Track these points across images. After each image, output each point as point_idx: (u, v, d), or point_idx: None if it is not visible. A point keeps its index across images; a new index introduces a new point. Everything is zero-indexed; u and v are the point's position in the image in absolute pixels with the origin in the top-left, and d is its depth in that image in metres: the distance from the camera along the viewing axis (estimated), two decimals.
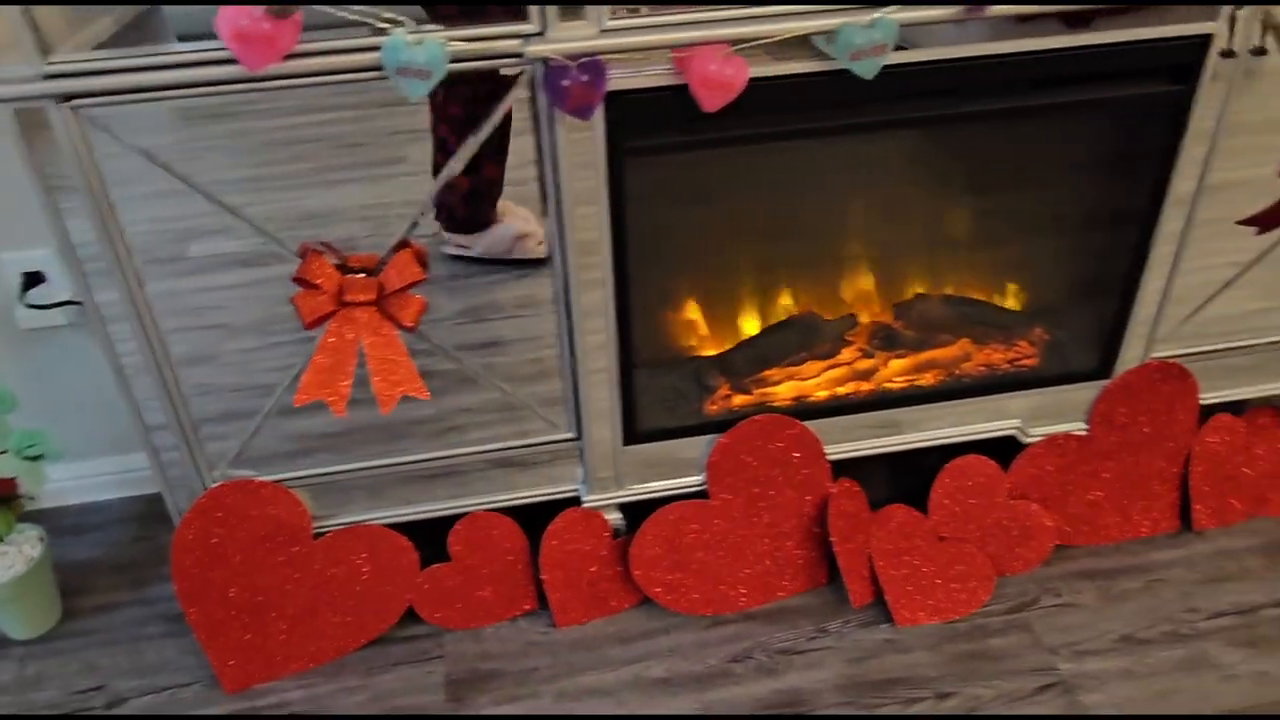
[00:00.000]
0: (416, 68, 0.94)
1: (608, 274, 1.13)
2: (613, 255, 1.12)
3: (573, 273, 1.13)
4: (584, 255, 1.12)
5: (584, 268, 1.13)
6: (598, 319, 1.17)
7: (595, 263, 1.13)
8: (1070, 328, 1.37)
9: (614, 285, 1.14)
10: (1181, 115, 1.15)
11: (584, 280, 1.14)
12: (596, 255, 1.12)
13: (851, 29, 0.98)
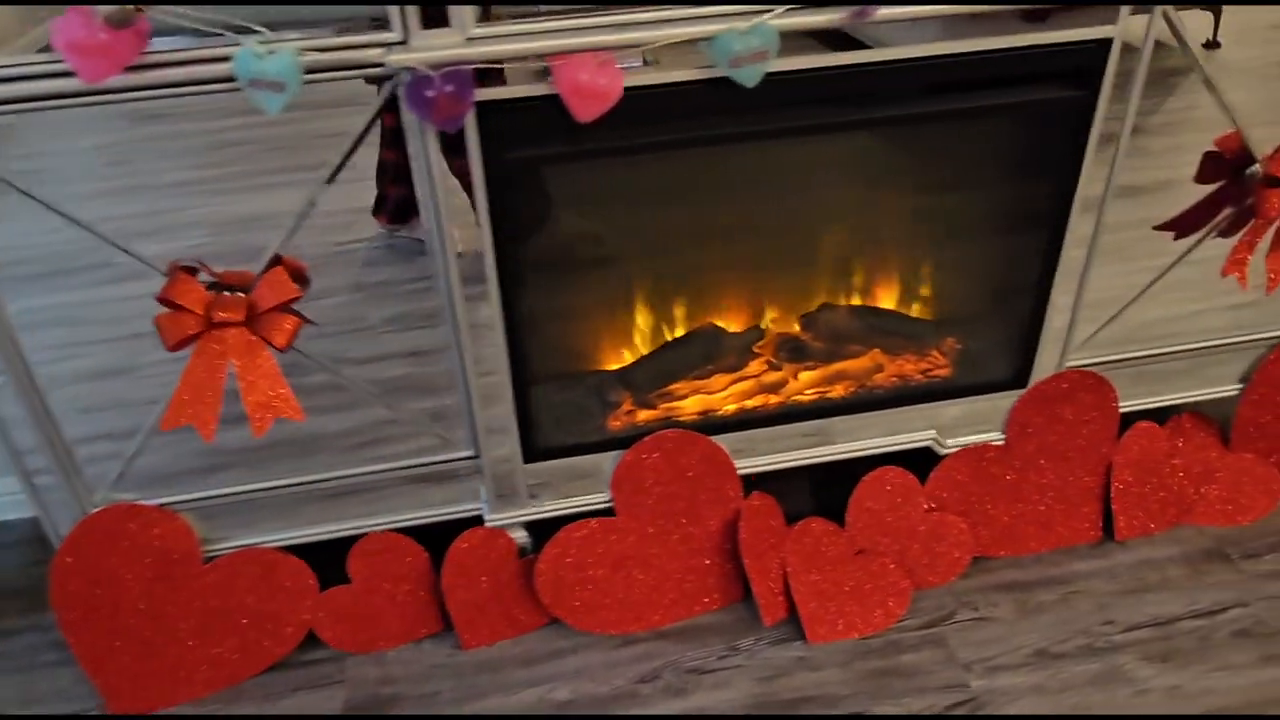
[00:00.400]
0: (269, 80, 0.90)
1: (493, 288, 1.09)
2: (497, 268, 1.08)
3: (455, 287, 1.09)
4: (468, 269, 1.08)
5: (470, 281, 1.09)
6: (488, 333, 1.13)
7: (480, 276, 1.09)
8: (983, 337, 1.34)
9: (500, 299, 1.10)
10: (1084, 120, 1.12)
11: (469, 294, 1.10)
12: (480, 269, 1.08)
13: (729, 36, 0.94)
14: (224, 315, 1.03)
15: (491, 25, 0.94)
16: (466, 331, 1.12)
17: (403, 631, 1.34)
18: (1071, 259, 1.26)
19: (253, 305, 1.05)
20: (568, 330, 1.24)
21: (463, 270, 1.09)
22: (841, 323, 1.29)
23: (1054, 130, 1.14)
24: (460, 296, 1.10)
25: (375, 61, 0.93)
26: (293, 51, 0.90)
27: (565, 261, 1.17)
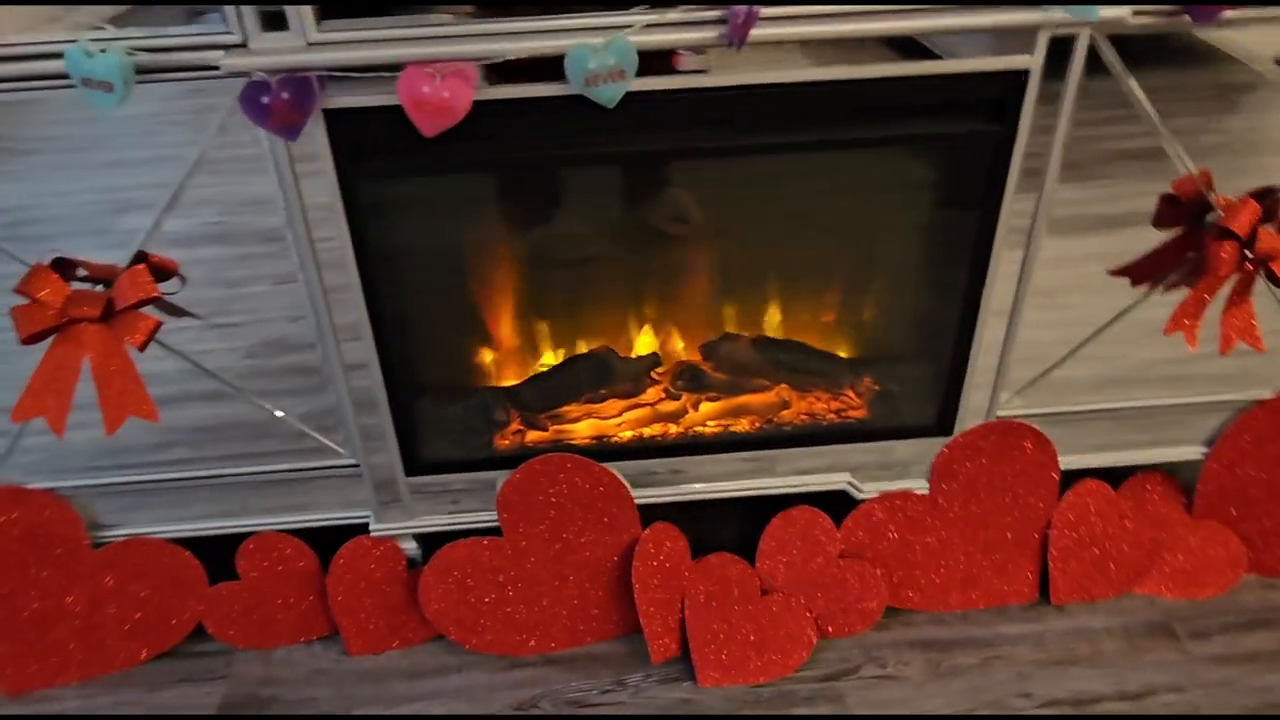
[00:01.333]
0: (98, 79, 0.88)
1: (358, 296, 1.06)
2: (360, 276, 1.05)
3: (316, 291, 1.06)
4: (331, 275, 1.05)
5: (333, 289, 1.06)
6: (358, 342, 1.10)
7: (345, 283, 1.06)
8: (904, 380, 1.25)
9: (367, 308, 1.07)
10: (1003, 154, 1.03)
11: (335, 301, 1.07)
12: (344, 275, 1.05)
13: (582, 52, 0.88)
14: (79, 312, 1.02)
15: (338, 30, 0.90)
16: (331, 335, 1.09)
17: (292, 632, 1.33)
18: (998, 300, 1.16)
19: (112, 302, 1.03)
20: (448, 343, 1.20)
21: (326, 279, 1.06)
22: (744, 354, 1.22)
23: (972, 164, 1.05)
24: (324, 303, 1.07)
25: (211, 64, 0.90)
26: (122, 51, 0.87)
27: (438, 272, 1.13)
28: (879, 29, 0.92)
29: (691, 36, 0.90)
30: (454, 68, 0.91)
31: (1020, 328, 1.18)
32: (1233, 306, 1.13)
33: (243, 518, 1.28)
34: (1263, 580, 1.37)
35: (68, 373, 1.03)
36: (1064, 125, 1.03)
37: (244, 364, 1.88)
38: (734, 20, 0.86)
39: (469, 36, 0.90)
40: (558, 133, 0.99)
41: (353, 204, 1.00)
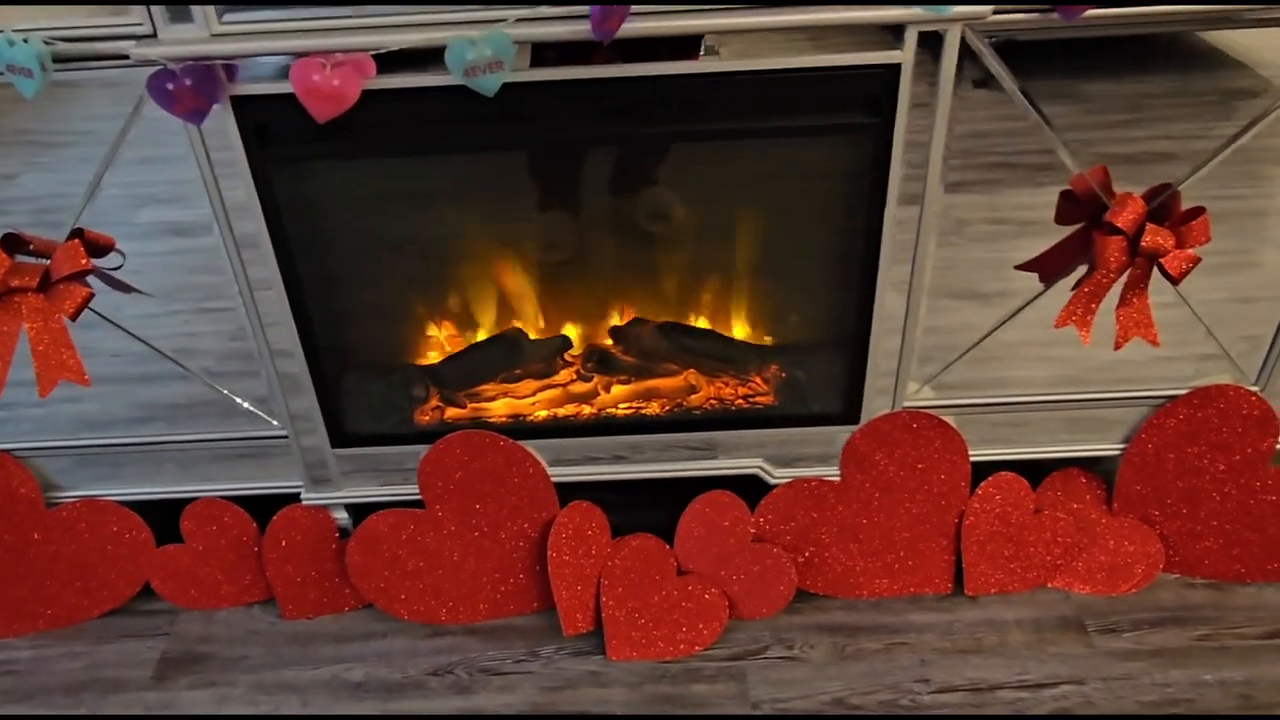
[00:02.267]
0: (19, 66, 0.96)
1: (274, 274, 1.13)
2: (276, 256, 1.11)
3: (238, 268, 1.13)
4: (248, 250, 1.12)
5: (250, 263, 1.13)
6: (279, 318, 1.17)
7: (259, 257, 1.13)
8: (808, 367, 1.29)
9: (284, 285, 1.14)
10: (883, 147, 1.06)
11: (254, 278, 1.14)
12: (258, 250, 1.12)
13: (461, 44, 0.94)
14: (18, 282, 1.11)
15: (238, 22, 0.97)
16: (254, 312, 1.16)
17: (234, 595, 1.41)
18: (891, 300, 1.18)
19: (49, 274, 1.12)
20: (370, 322, 1.26)
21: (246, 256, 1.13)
22: (652, 339, 1.26)
23: (856, 156, 1.08)
24: (245, 279, 1.14)
25: (122, 54, 0.97)
26: (40, 40, 0.95)
27: (351, 253, 1.19)
28: (743, 23, 0.95)
29: (563, 30, 0.95)
30: (348, 58, 0.97)
31: (920, 318, 1.20)
32: (1126, 301, 1.15)
33: (189, 484, 1.36)
34: (1182, 579, 1.37)
35: (6, 339, 1.12)
36: (941, 119, 1.05)
37: (229, 345, 1.98)
38: (594, 19, 0.91)
39: (358, 29, 0.96)
40: (454, 119, 1.04)
41: (266, 189, 1.06)
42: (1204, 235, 1.09)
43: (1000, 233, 2.16)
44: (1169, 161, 2.54)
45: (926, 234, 1.14)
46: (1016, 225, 2.17)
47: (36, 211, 2.65)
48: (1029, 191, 2.31)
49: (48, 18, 0.99)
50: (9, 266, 1.11)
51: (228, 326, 2.02)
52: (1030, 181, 2.34)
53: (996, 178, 2.38)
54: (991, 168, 2.42)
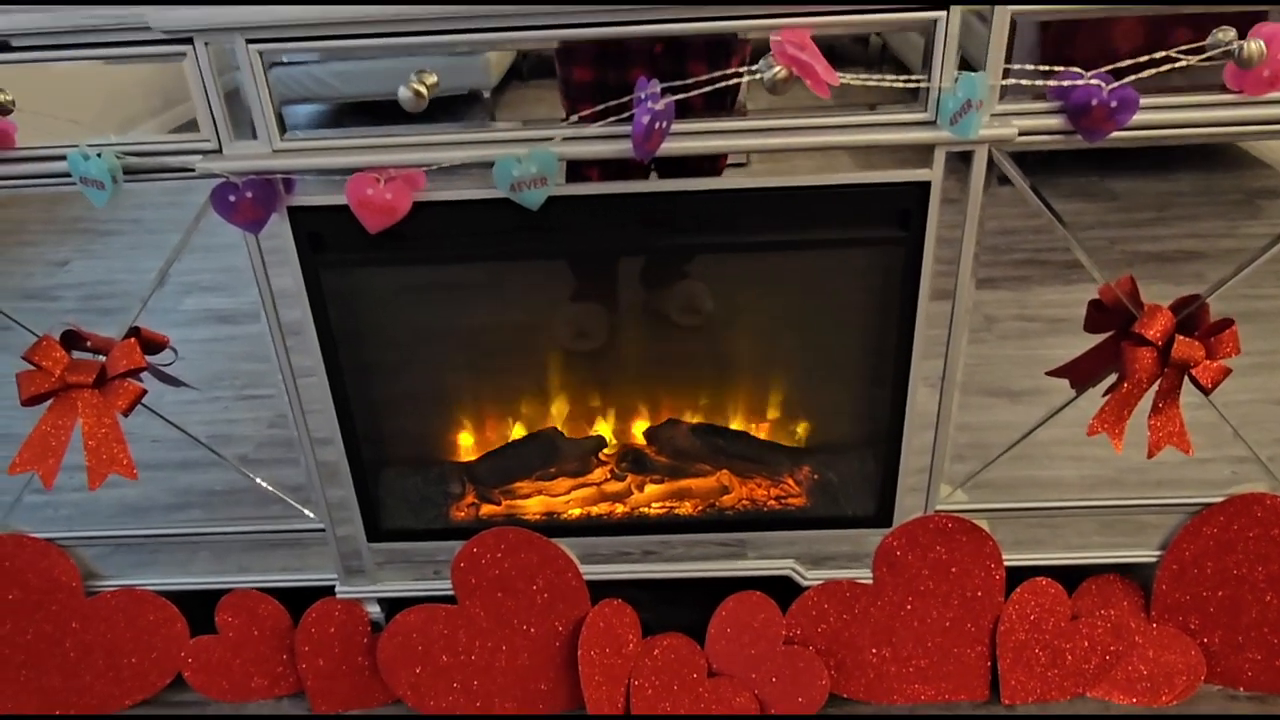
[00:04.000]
0: (92, 179, 1.02)
1: (317, 361, 1.16)
2: (320, 344, 1.15)
3: (282, 355, 1.17)
4: (292, 338, 1.16)
5: (294, 350, 1.17)
6: (320, 406, 1.20)
7: (302, 345, 1.16)
8: (841, 469, 1.29)
9: (330, 385, 1.17)
10: (914, 260, 1.09)
11: (297, 365, 1.18)
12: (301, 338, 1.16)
13: (508, 161, 0.99)
14: (75, 378, 1.15)
15: (299, 139, 1.02)
16: (296, 398, 1.20)
17: (265, 688, 1.41)
18: (923, 397, 1.20)
19: (104, 370, 1.16)
20: (406, 411, 1.29)
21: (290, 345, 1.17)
22: (686, 440, 1.28)
23: (887, 263, 1.11)
24: (289, 366, 1.18)
25: (188, 167, 1.03)
26: (113, 155, 1.01)
27: (393, 344, 1.23)
28: (780, 144, 1.00)
29: (606, 149, 0.99)
30: (400, 172, 1.02)
31: (952, 415, 1.21)
32: (1158, 410, 1.15)
33: (225, 573, 1.38)
34: (1224, 691, 1.34)
35: (62, 433, 1.16)
36: (971, 231, 1.08)
37: (266, 433, 2.02)
38: (636, 139, 0.95)
39: (410, 146, 1.01)
40: (497, 229, 1.09)
41: (314, 286, 1.11)
42: (1234, 347, 1.10)
43: (1030, 330, 2.17)
44: (1197, 260, 2.56)
45: (958, 332, 1.15)
46: (1046, 323, 2.19)
47: (86, 298, 2.74)
48: (1058, 289, 2.33)
49: (119, 133, 1.05)
50: (67, 363, 1.16)
51: (267, 414, 2.06)
52: (1060, 279, 2.36)
53: (1025, 274, 2.40)
54: (1020, 264, 2.45)
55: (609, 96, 0.99)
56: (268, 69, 0.98)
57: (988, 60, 0.97)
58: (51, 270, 2.98)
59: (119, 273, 3.02)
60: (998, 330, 2.20)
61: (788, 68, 0.94)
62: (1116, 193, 2.90)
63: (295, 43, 0.97)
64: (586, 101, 1.02)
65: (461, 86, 3.59)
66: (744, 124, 1.01)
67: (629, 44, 1.00)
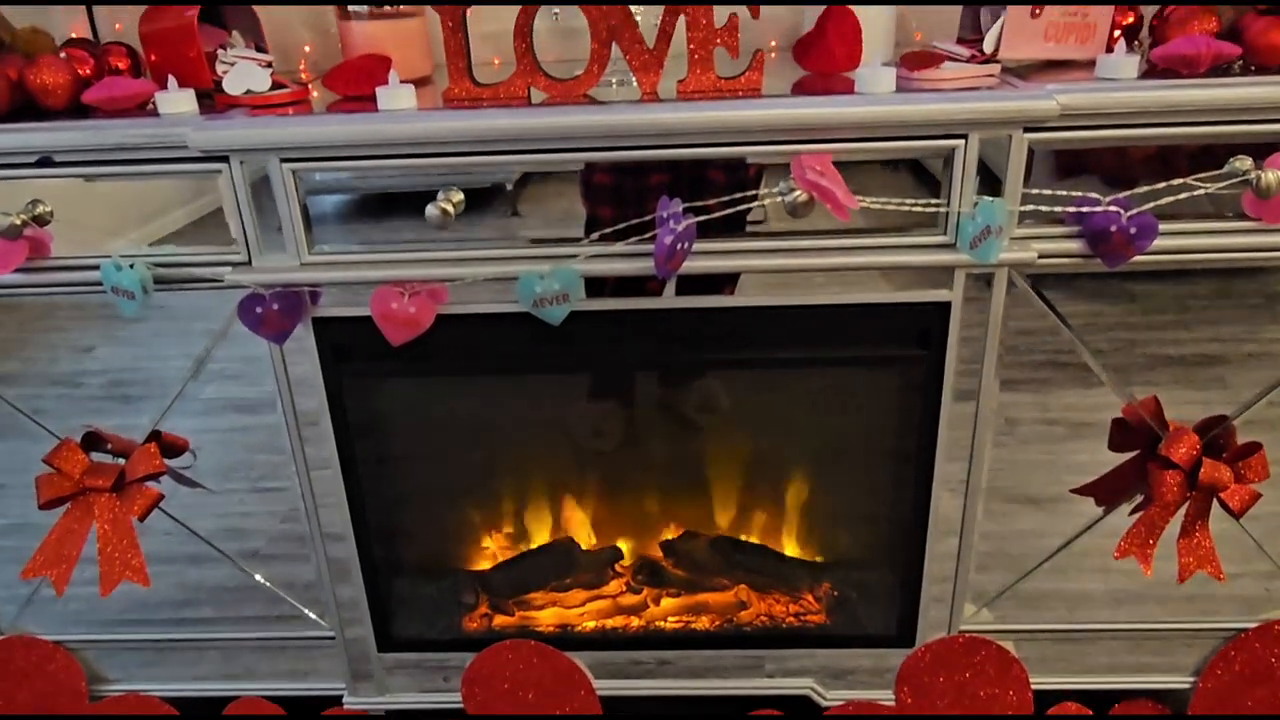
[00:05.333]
0: (123, 289, 1.03)
1: (333, 454, 1.16)
2: (343, 472, 1.15)
3: (302, 468, 1.17)
4: (308, 428, 1.16)
5: (309, 441, 1.17)
6: (333, 499, 1.19)
7: (328, 477, 1.16)
8: (862, 587, 1.27)
9: (343, 473, 1.17)
10: (935, 377, 1.08)
11: (313, 458, 1.18)
12: (329, 470, 1.16)
13: (531, 278, 1.00)
14: (93, 482, 1.15)
15: (326, 252, 1.04)
16: (309, 491, 1.19)
17: None
18: (946, 506, 1.18)
19: (123, 475, 1.16)
20: (428, 529, 1.28)
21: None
22: (704, 553, 1.26)
23: (908, 383, 1.10)
24: (303, 457, 1.17)
25: (218, 278, 1.04)
26: (144, 266, 1.03)
27: (421, 462, 1.23)
28: (801, 265, 1.00)
29: (629, 267, 1.00)
30: (424, 286, 1.03)
31: (974, 539, 1.19)
32: (1188, 533, 1.13)
33: (232, 679, 1.36)
34: None
35: (77, 538, 1.15)
36: (992, 349, 1.08)
37: (279, 528, 2.01)
38: (659, 259, 0.96)
39: (434, 261, 1.03)
40: (516, 341, 1.09)
41: (336, 397, 1.11)
42: (1263, 471, 1.08)
43: (1052, 434, 2.14)
44: (1218, 365, 2.53)
45: (980, 444, 1.14)
46: (1069, 427, 2.16)
47: (109, 384, 2.76)
48: (1079, 392, 2.30)
49: (146, 223, 1.08)
50: (87, 467, 1.16)
51: (280, 507, 2.05)
52: (1080, 382, 2.33)
53: (1045, 376, 2.37)
54: (1040, 366, 2.42)
55: (628, 198, 1.01)
56: (300, 186, 1.00)
57: (1006, 185, 0.98)
58: (77, 356, 3.01)
59: (143, 359, 3.04)
60: (1019, 434, 2.17)
61: (808, 192, 0.95)
62: (1135, 294, 2.90)
63: (328, 162, 0.99)
64: (606, 203, 1.04)
65: (484, 181, 3.69)
66: (764, 245, 1.01)
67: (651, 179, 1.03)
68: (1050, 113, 0.92)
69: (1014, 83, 0.99)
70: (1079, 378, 2.54)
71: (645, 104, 0.97)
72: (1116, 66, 0.97)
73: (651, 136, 0.96)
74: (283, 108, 1.04)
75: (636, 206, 1.02)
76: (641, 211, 0.98)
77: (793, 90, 1.04)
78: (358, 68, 1.05)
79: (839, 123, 0.94)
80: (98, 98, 1.02)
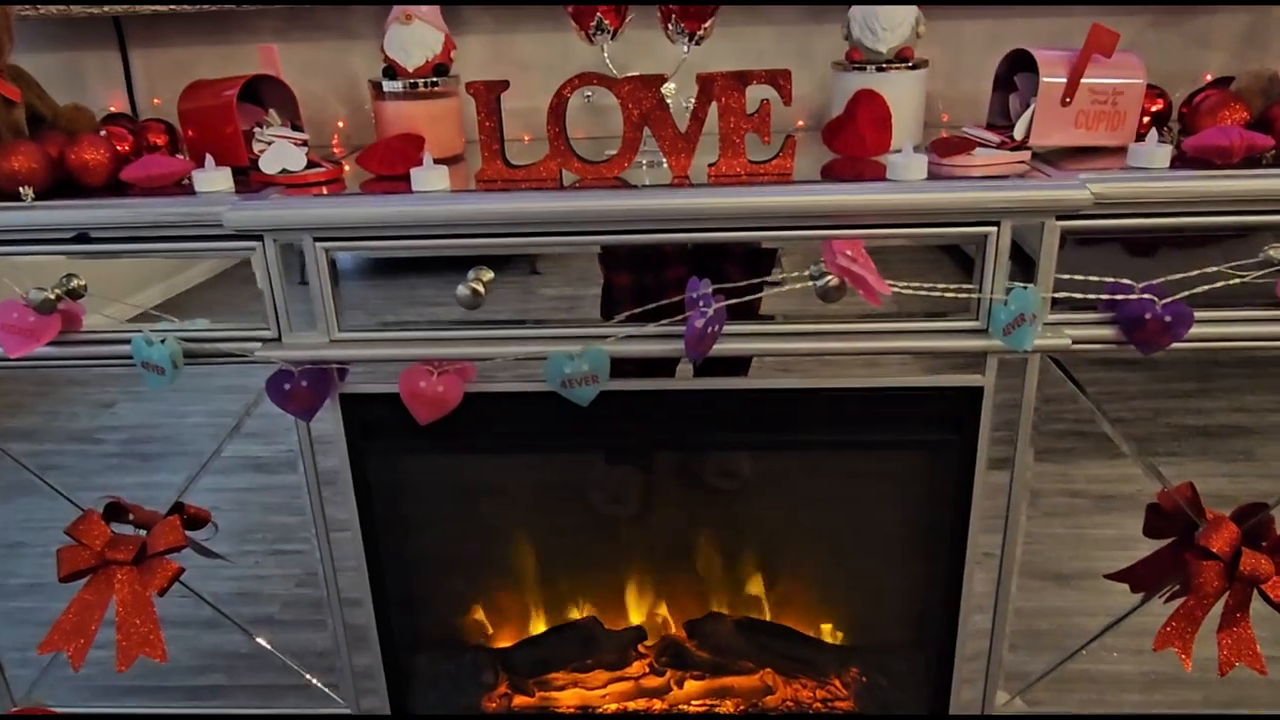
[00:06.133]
0: (153, 364, 1.03)
1: (359, 549, 1.15)
2: (364, 538, 1.14)
3: (324, 549, 1.16)
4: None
5: (337, 543, 1.16)
6: (352, 563, 1.18)
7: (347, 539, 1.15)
8: (891, 673, 1.24)
9: (368, 566, 1.16)
10: (967, 461, 1.07)
11: (338, 550, 1.17)
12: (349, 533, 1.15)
13: (560, 359, 0.99)
14: (115, 555, 1.14)
15: (354, 329, 1.04)
16: (328, 553, 1.18)
17: None
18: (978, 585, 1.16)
19: (145, 548, 1.15)
20: (449, 606, 1.27)
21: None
22: (728, 635, 1.24)
23: (939, 466, 1.09)
24: (322, 518, 1.16)
25: (246, 352, 1.04)
26: (175, 341, 1.03)
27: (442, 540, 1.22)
28: (830, 349, 1.00)
29: (658, 349, 1.00)
30: (454, 365, 1.03)
31: (1007, 625, 1.17)
32: (1228, 625, 1.10)
33: None
34: None
35: (95, 611, 1.14)
36: (1025, 433, 1.07)
37: (294, 592, 1.99)
38: (689, 341, 0.95)
39: (463, 340, 1.02)
40: (541, 419, 1.09)
41: (360, 474, 1.11)
42: None
43: (1077, 506, 2.10)
44: (1244, 436, 2.50)
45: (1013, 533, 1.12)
46: (1094, 499, 2.12)
47: (127, 441, 2.76)
48: (1104, 463, 2.27)
49: (171, 279, 1.09)
50: (108, 539, 1.15)
51: (296, 571, 2.03)
52: (1104, 452, 2.30)
53: (1070, 446, 2.35)
54: (1063, 435, 2.40)
55: (645, 265, 1.01)
56: (332, 266, 1.01)
57: (1039, 272, 0.98)
58: (96, 411, 3.02)
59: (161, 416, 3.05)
60: (1042, 506, 2.14)
61: (840, 277, 0.95)
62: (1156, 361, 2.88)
63: (360, 241, 1.00)
64: (623, 269, 1.04)
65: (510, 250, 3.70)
66: (793, 328, 1.01)
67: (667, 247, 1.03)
68: (1084, 202, 0.92)
69: (1045, 170, 0.99)
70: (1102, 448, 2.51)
71: (677, 188, 0.98)
72: (1149, 156, 0.97)
73: (685, 221, 0.96)
74: (317, 186, 1.05)
75: (654, 274, 1.02)
76: (659, 280, 0.98)
77: (822, 174, 1.04)
78: (392, 148, 1.06)
79: (873, 209, 0.94)
80: (136, 176, 1.03)
